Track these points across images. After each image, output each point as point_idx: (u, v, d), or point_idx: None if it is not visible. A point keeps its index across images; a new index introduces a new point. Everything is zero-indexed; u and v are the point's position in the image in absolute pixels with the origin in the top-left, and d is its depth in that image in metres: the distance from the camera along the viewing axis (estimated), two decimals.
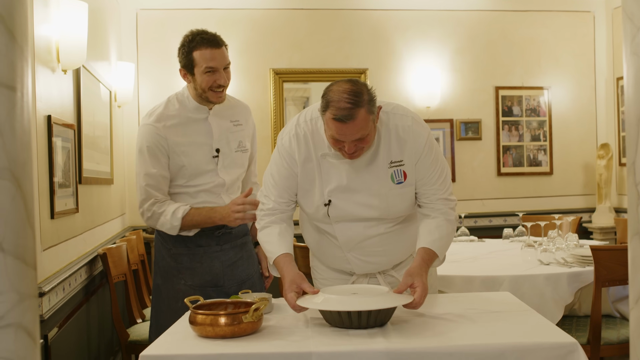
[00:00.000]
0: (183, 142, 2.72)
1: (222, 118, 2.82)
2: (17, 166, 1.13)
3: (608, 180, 6.11)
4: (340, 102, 2.08)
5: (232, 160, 2.82)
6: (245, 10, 5.88)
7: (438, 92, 6.06)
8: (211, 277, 2.77)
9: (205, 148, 2.75)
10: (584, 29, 6.39)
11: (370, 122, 2.14)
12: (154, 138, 2.69)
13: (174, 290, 2.73)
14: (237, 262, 2.83)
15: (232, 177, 2.82)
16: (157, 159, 2.69)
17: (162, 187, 2.72)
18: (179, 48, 2.72)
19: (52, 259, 3.01)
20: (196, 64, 2.66)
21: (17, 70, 1.14)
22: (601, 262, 3.10)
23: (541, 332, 1.95)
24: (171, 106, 2.76)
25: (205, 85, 2.67)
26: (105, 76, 4.63)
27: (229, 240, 2.82)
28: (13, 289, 1.11)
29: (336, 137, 2.14)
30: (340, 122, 2.08)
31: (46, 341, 2.83)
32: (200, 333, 1.98)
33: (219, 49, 2.67)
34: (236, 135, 2.85)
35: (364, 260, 2.44)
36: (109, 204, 4.59)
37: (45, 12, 3.08)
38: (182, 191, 2.76)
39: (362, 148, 2.19)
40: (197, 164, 2.73)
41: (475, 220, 6.13)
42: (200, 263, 2.76)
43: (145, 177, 2.69)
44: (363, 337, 1.94)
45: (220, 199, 2.78)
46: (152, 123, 2.71)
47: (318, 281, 2.62)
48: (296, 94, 6.09)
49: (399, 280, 2.48)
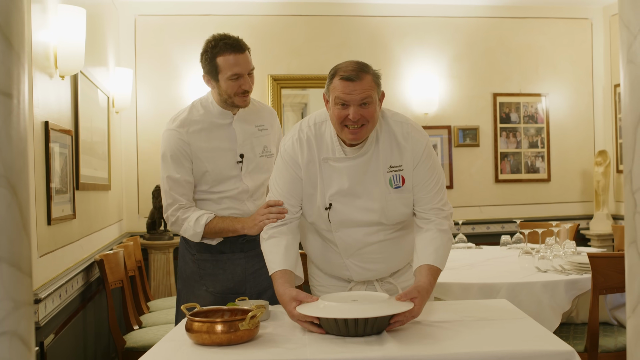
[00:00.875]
0: (206, 147, 2.69)
1: (247, 123, 2.78)
2: (13, 173, 1.13)
3: (606, 187, 6.12)
4: (349, 66, 2.22)
5: (256, 166, 2.78)
6: (243, 16, 5.88)
7: (436, 98, 6.06)
8: (233, 284, 2.75)
9: (229, 154, 2.72)
10: (581, 36, 6.41)
11: (375, 93, 2.23)
12: (177, 143, 2.65)
13: (194, 295, 2.70)
14: (260, 270, 2.77)
15: (257, 182, 2.78)
16: (181, 164, 2.66)
17: (186, 192, 2.69)
18: (202, 54, 2.67)
19: (48, 265, 3.01)
20: (220, 71, 2.62)
21: (13, 77, 1.14)
22: (599, 270, 3.10)
23: (538, 340, 1.94)
24: (195, 111, 2.73)
25: (230, 91, 2.64)
26: (103, 82, 4.63)
27: (253, 248, 2.77)
28: (8, 296, 1.11)
29: (342, 98, 2.19)
30: (347, 80, 2.18)
31: (42, 348, 2.82)
32: (197, 340, 1.97)
33: (242, 53, 2.64)
34: (261, 140, 2.80)
35: (363, 267, 2.45)
36: (106, 210, 4.58)
37: (43, 18, 3.08)
38: (206, 197, 2.73)
39: (365, 124, 2.22)
40: (221, 170, 2.70)
41: (473, 227, 6.13)
42: (223, 270, 2.74)
43: (168, 180, 2.67)
44: (360, 344, 1.94)
45: (244, 206, 2.75)
46: (175, 128, 2.67)
47: (315, 288, 2.62)
48: (294, 100, 6.10)
49: (396, 287, 2.48)
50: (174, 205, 2.68)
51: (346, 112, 2.20)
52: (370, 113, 2.21)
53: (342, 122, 2.22)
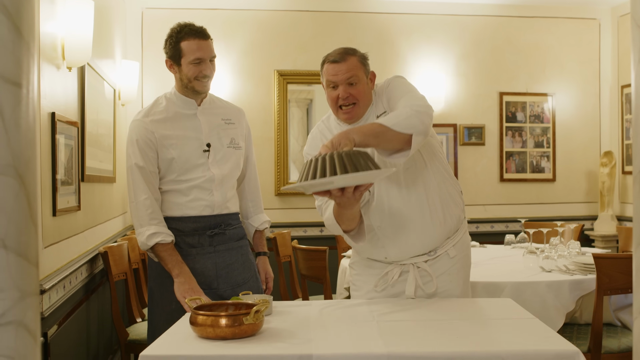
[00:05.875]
0: (171, 135, 2.74)
1: (212, 115, 2.85)
2: (21, 163, 1.13)
3: (611, 188, 6.10)
4: (335, 50, 2.45)
5: (223, 155, 2.82)
6: (250, 11, 5.88)
7: (442, 96, 6.05)
8: (204, 278, 2.75)
9: (196, 142, 2.77)
10: (589, 36, 6.39)
11: (362, 72, 2.40)
12: (141, 132, 2.72)
13: (168, 292, 2.70)
14: (233, 264, 2.81)
15: (224, 171, 2.80)
16: (145, 154, 2.71)
17: (152, 181, 2.72)
18: (166, 39, 2.77)
19: (53, 256, 3.01)
20: (183, 55, 2.72)
21: (23, 67, 1.14)
22: (603, 270, 3.09)
23: (543, 340, 1.94)
24: (159, 103, 2.82)
25: (191, 75, 2.73)
26: (110, 74, 4.63)
27: (223, 242, 2.80)
28: (15, 286, 1.11)
29: (331, 80, 2.39)
30: (333, 62, 2.40)
31: (46, 339, 2.83)
32: (201, 334, 1.97)
33: (205, 40, 2.75)
34: (228, 132, 2.86)
35: (396, 241, 2.46)
36: (110, 202, 4.58)
37: (52, 9, 3.08)
38: (174, 188, 2.75)
39: (356, 103, 2.39)
40: (187, 157, 2.74)
41: (477, 226, 6.12)
42: (193, 264, 2.75)
43: (135, 168, 2.71)
44: (364, 340, 1.94)
45: (212, 196, 2.77)
46: (140, 118, 2.76)
47: (354, 277, 2.68)
48: (300, 95, 6.09)
49: (431, 275, 2.49)
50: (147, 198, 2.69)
51: (337, 93, 2.39)
52: (358, 92, 2.39)
53: (336, 104, 2.41)
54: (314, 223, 5.83)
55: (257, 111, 5.76)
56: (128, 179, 2.74)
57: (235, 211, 2.89)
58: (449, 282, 2.52)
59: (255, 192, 3.03)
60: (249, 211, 3.01)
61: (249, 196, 3.00)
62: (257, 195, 3.03)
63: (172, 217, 2.75)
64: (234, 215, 2.87)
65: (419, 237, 2.48)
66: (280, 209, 5.87)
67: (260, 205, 3.05)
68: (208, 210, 2.77)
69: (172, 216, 2.75)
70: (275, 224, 5.60)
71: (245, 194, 3.00)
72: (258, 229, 3.00)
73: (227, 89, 5.75)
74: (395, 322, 2.14)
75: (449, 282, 2.52)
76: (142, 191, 2.69)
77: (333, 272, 4.42)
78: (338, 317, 2.27)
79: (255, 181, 3.04)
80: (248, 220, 3.01)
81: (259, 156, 5.58)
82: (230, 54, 5.83)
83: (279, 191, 5.86)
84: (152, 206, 2.69)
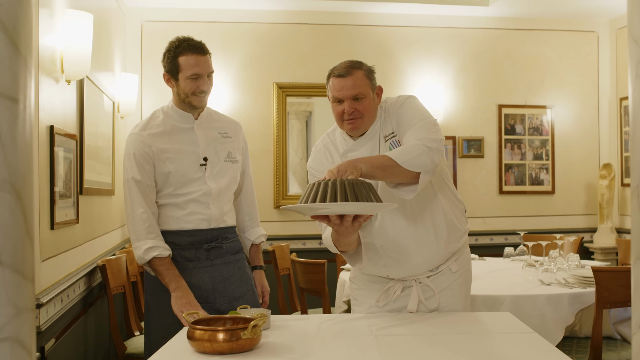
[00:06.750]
0: (168, 148, 2.74)
1: (209, 129, 2.85)
2: (18, 178, 1.12)
3: (610, 201, 6.10)
4: (341, 64, 2.41)
5: (220, 170, 2.82)
6: (250, 24, 5.90)
7: (441, 109, 6.06)
8: (201, 292, 2.74)
9: (192, 156, 2.77)
10: (587, 49, 6.41)
11: (368, 87, 2.37)
12: (138, 146, 2.72)
13: (164, 306, 2.69)
14: (229, 278, 2.80)
15: (221, 185, 2.80)
16: (142, 167, 2.71)
17: (149, 195, 2.72)
18: (165, 53, 2.76)
19: (51, 269, 3.00)
20: (181, 70, 2.72)
21: (20, 82, 1.14)
22: (602, 284, 3.08)
23: (542, 355, 1.93)
24: (156, 117, 2.82)
25: (188, 90, 2.73)
26: (109, 87, 4.64)
27: (220, 256, 2.80)
28: (10, 302, 1.10)
29: (336, 96, 2.37)
30: (338, 77, 2.37)
31: (43, 353, 2.81)
32: (198, 349, 1.96)
33: (204, 56, 2.74)
34: (225, 146, 2.86)
35: (397, 260, 2.43)
36: (109, 215, 4.58)
37: (51, 23, 3.09)
38: (171, 202, 2.75)
39: (362, 117, 2.36)
40: (184, 171, 2.74)
41: (477, 239, 6.11)
42: (190, 278, 2.74)
43: (132, 182, 2.71)
44: (362, 355, 1.93)
45: (209, 210, 2.76)
46: (137, 132, 2.76)
47: (355, 292, 2.65)
48: (299, 108, 6.09)
49: (434, 290, 2.47)
50: (144, 212, 2.68)
51: (342, 108, 2.37)
52: (364, 107, 2.36)
53: (342, 118, 2.39)
54: (312, 235, 5.82)
55: (256, 124, 5.77)
56: (125, 193, 2.73)
57: (232, 225, 2.89)
58: (451, 297, 2.50)
59: (252, 205, 3.02)
60: (245, 225, 3.01)
61: (246, 210, 3.00)
62: (254, 209, 3.03)
63: (168, 230, 2.75)
64: (230, 228, 2.87)
65: (423, 258, 2.45)
66: (279, 221, 5.86)
67: (257, 218, 3.04)
68: (205, 224, 2.76)
69: (169, 230, 2.75)
70: (274, 237, 5.60)
71: (241, 207, 2.99)
72: (254, 243, 3.00)
73: (226, 101, 5.75)
74: (394, 337, 2.13)
75: (451, 296, 2.50)
76: (139, 205, 2.69)
77: (332, 285, 4.40)
78: (336, 331, 2.26)
79: (251, 195, 3.03)
80: (244, 233, 3.01)
81: (258, 168, 5.58)
82: (230, 66, 5.85)
83: (278, 204, 5.85)
84: (149, 220, 2.69)
